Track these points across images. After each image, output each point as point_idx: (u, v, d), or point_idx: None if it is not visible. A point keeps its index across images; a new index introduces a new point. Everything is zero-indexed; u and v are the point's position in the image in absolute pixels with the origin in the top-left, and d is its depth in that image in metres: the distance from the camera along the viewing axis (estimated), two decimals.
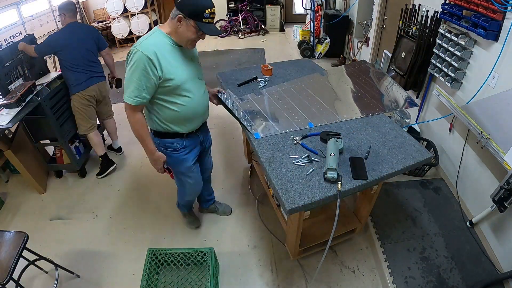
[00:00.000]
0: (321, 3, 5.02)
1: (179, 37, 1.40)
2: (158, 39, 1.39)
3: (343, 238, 2.06)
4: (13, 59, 2.47)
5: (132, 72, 1.33)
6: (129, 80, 1.35)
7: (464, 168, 2.24)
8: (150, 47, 1.33)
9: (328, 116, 1.83)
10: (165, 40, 1.40)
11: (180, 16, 1.33)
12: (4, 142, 2.42)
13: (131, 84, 1.35)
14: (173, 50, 1.42)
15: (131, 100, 1.37)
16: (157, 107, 1.49)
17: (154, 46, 1.34)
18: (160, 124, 1.56)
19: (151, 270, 1.69)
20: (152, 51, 1.32)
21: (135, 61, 1.31)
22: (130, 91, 1.36)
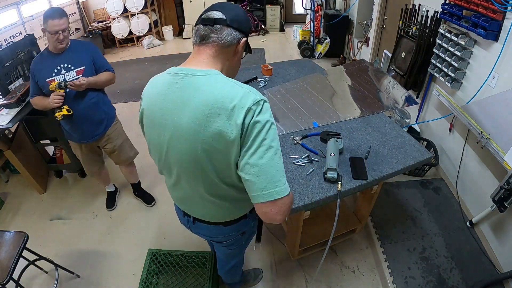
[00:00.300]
0: (321, 3, 5.02)
1: (232, 72, 0.98)
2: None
3: (343, 238, 2.06)
4: (13, 59, 2.47)
5: (274, 141, 0.82)
6: (273, 158, 0.81)
7: (464, 168, 2.24)
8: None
9: (332, 116, 1.83)
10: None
11: (245, 39, 0.92)
12: (4, 142, 2.42)
13: (279, 162, 0.83)
14: None
15: (287, 187, 0.84)
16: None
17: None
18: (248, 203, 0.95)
19: (150, 270, 1.69)
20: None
21: (271, 122, 0.82)
22: (282, 174, 0.83)
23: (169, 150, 0.92)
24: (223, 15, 0.86)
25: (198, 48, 0.90)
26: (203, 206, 1.06)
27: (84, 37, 5.97)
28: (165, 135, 0.90)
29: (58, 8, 1.76)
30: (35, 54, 2.70)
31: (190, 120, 0.83)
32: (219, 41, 0.87)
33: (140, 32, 6.33)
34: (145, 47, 6.22)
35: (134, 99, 4.28)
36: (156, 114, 0.90)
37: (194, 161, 0.88)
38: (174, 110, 0.86)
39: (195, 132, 0.83)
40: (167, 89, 0.88)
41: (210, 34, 0.87)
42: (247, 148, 0.80)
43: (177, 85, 0.86)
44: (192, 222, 1.15)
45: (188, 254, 1.75)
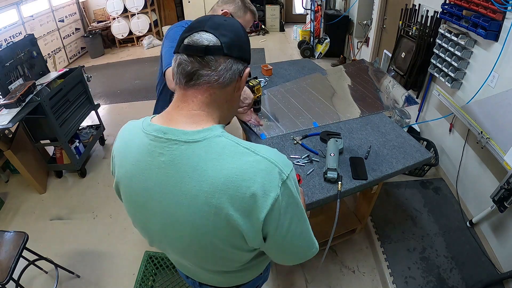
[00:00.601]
0: (321, 3, 5.02)
1: (231, 114, 0.74)
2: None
3: (343, 238, 2.06)
4: (13, 59, 2.47)
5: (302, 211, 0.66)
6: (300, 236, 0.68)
7: (464, 168, 2.24)
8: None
9: (332, 116, 1.83)
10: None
11: (249, 69, 0.67)
12: (4, 142, 2.42)
13: (307, 231, 0.70)
14: None
15: (316, 249, 0.77)
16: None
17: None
18: (262, 264, 0.91)
19: (146, 273, 1.70)
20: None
21: (297, 191, 0.64)
22: (310, 240, 0.73)
23: (163, 239, 0.73)
24: (217, 40, 0.59)
25: (184, 93, 0.62)
26: (210, 277, 0.87)
27: (84, 37, 5.97)
28: (155, 223, 0.68)
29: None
30: (35, 54, 2.71)
31: (189, 212, 0.60)
32: (215, 81, 0.61)
33: (140, 32, 6.34)
34: (145, 47, 6.22)
35: (134, 99, 4.28)
36: (139, 196, 0.66)
37: (199, 248, 0.67)
38: (163, 195, 0.62)
39: (199, 227, 0.61)
40: (148, 162, 0.62)
41: (200, 71, 0.60)
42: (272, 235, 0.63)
43: (162, 158, 0.60)
44: (198, 285, 0.95)
45: None
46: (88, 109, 3.02)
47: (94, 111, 3.13)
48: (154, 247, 0.86)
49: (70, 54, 5.78)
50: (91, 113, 3.11)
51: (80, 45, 6.11)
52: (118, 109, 4.09)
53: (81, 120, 2.90)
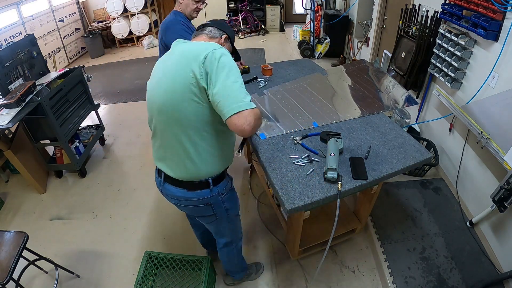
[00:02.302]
0: (321, 3, 5.02)
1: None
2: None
3: (343, 238, 2.06)
4: (13, 59, 2.47)
5: (232, 71, 1.04)
6: (235, 82, 1.03)
7: (464, 168, 2.24)
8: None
9: (331, 115, 1.83)
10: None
11: (226, 36, 1.31)
12: (4, 142, 2.42)
13: (240, 85, 1.04)
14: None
15: (251, 104, 1.03)
16: (218, 135, 1.18)
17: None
18: (221, 161, 1.25)
19: (146, 273, 1.70)
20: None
21: (228, 58, 1.06)
22: (244, 94, 1.03)
23: (152, 95, 1.17)
24: (209, 22, 1.33)
25: (193, 39, 1.28)
26: (171, 159, 1.21)
27: (84, 37, 5.97)
28: (152, 83, 1.19)
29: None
30: (35, 54, 2.71)
31: (173, 62, 1.12)
32: (205, 34, 1.27)
33: (140, 32, 6.34)
34: (145, 47, 6.22)
35: (134, 99, 4.28)
36: (155, 70, 1.21)
37: (171, 98, 1.09)
38: (165, 62, 1.17)
39: (176, 71, 1.08)
40: (168, 55, 1.20)
41: (200, 32, 1.29)
42: (211, 83, 1.03)
43: (173, 48, 1.20)
44: (162, 182, 1.30)
45: (184, 258, 1.75)
46: (88, 109, 3.02)
47: (94, 111, 3.14)
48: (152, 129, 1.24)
49: (70, 54, 5.79)
50: (91, 113, 3.11)
51: (80, 45, 6.11)
52: (118, 109, 4.09)
53: (81, 120, 2.90)
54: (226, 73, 1.02)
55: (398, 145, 1.57)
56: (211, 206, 1.31)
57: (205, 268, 1.70)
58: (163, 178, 1.29)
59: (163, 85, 1.11)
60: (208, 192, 1.26)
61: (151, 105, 1.19)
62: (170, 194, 1.31)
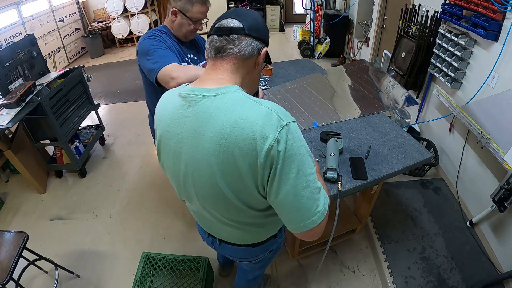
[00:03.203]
0: (321, 3, 5.02)
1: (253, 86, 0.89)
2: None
3: (343, 238, 2.06)
4: (13, 59, 2.47)
5: (303, 166, 0.71)
6: (306, 186, 0.72)
7: (464, 168, 2.24)
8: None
9: (331, 115, 1.83)
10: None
11: (266, 49, 0.83)
12: (4, 142, 2.42)
13: (313, 188, 0.74)
14: None
15: (324, 212, 0.78)
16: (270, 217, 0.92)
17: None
18: (276, 224, 1.02)
19: (144, 274, 1.70)
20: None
21: (296, 142, 0.70)
22: (316, 199, 0.75)
23: (186, 179, 0.84)
24: (239, 23, 0.76)
25: (213, 63, 0.79)
26: (228, 232, 0.98)
27: (84, 37, 5.97)
28: (180, 164, 0.82)
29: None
30: (35, 54, 2.70)
31: (205, 151, 0.73)
32: (238, 53, 0.77)
33: (140, 32, 6.33)
34: None
35: (134, 99, 4.28)
36: (171, 141, 0.82)
37: (214, 192, 0.79)
38: (188, 138, 0.77)
39: (212, 165, 0.74)
40: (179, 114, 0.78)
41: (226, 46, 0.76)
42: (272, 186, 0.72)
43: (189, 109, 0.76)
44: (217, 242, 1.07)
45: (182, 258, 1.75)
46: (88, 109, 3.02)
47: (94, 111, 3.14)
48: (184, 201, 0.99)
49: (70, 54, 5.79)
50: (91, 113, 3.11)
51: (80, 45, 6.11)
52: (118, 109, 4.09)
53: (81, 120, 2.90)
54: (296, 173, 0.70)
55: (398, 145, 1.57)
56: (273, 251, 1.15)
57: (202, 268, 1.70)
58: (216, 238, 1.06)
59: (197, 174, 0.80)
60: (274, 241, 1.08)
61: (183, 191, 0.91)
62: (229, 253, 1.10)
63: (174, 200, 2.22)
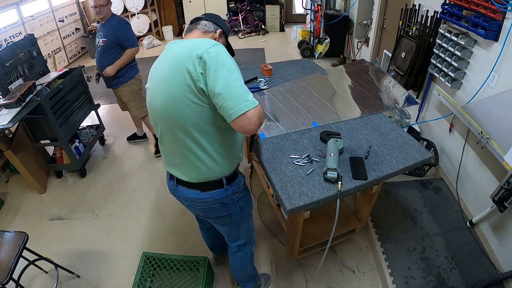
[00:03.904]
0: (321, 3, 5.02)
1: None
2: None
3: (343, 238, 2.06)
4: (13, 59, 2.47)
5: (232, 69, 1.00)
6: (237, 80, 0.99)
7: (464, 168, 2.24)
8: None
9: (331, 115, 1.83)
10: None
11: (221, 30, 1.22)
12: (4, 142, 2.42)
13: (242, 83, 1.00)
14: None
15: (254, 102, 0.99)
16: (224, 134, 1.13)
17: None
18: (232, 159, 1.22)
19: (144, 274, 1.70)
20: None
21: (225, 55, 1.02)
22: (247, 92, 1.00)
23: (152, 102, 1.13)
24: (203, 15, 1.25)
25: (187, 34, 1.21)
26: (181, 164, 1.18)
27: (84, 37, 5.97)
28: (151, 87, 1.13)
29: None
30: (35, 54, 2.70)
31: (168, 66, 1.06)
32: (199, 28, 1.20)
33: (140, 32, 6.33)
34: (145, 47, 6.22)
35: None
36: (151, 74, 1.15)
37: (171, 104, 1.04)
38: (160, 67, 1.10)
39: (171, 75, 1.03)
40: (165, 54, 1.13)
41: (194, 26, 1.21)
42: (211, 83, 0.98)
43: (166, 52, 1.13)
44: (175, 185, 1.28)
45: (182, 258, 1.76)
46: (88, 109, 3.02)
47: (94, 111, 3.14)
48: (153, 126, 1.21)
49: (70, 54, 5.78)
50: (91, 113, 3.11)
51: (80, 45, 6.10)
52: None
53: (81, 120, 2.90)
54: (226, 72, 0.97)
55: (398, 145, 1.57)
56: (226, 205, 1.28)
57: (202, 268, 1.70)
58: (175, 181, 1.27)
59: (160, 90, 1.07)
60: (223, 191, 1.24)
61: (153, 112, 1.15)
62: (183, 196, 1.28)
63: (174, 200, 2.21)
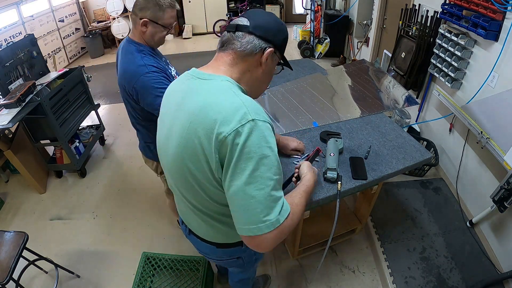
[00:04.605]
0: (321, 3, 5.02)
1: (256, 86, 0.90)
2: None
3: (343, 238, 2.06)
4: (13, 59, 2.47)
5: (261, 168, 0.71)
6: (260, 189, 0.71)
7: (464, 168, 2.24)
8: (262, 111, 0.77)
9: (331, 115, 1.83)
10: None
11: (271, 50, 0.83)
12: (4, 142, 2.42)
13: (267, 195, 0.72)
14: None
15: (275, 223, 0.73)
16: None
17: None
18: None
19: (143, 274, 1.70)
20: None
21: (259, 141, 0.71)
22: (269, 208, 0.72)
23: (161, 151, 0.92)
24: (247, 22, 0.81)
25: (217, 55, 0.86)
26: (195, 222, 1.01)
27: (84, 37, 5.97)
28: (162, 134, 0.90)
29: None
30: (35, 54, 2.71)
31: (179, 126, 0.79)
32: (237, 48, 0.81)
33: None
34: None
35: None
36: (163, 111, 0.92)
37: (180, 169, 0.82)
38: (173, 111, 0.84)
39: (181, 138, 0.78)
40: (178, 86, 0.88)
41: (230, 41, 0.82)
42: (227, 178, 0.72)
43: (183, 86, 0.84)
44: (187, 232, 1.12)
45: (182, 258, 1.75)
46: (88, 109, 3.02)
47: (94, 111, 3.14)
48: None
49: (70, 54, 5.78)
50: (91, 113, 3.11)
51: (80, 45, 6.11)
52: (118, 109, 4.08)
53: (81, 120, 2.90)
54: (252, 170, 0.69)
55: (398, 145, 1.57)
56: (242, 259, 1.11)
57: (202, 268, 1.70)
58: (187, 229, 1.10)
59: (170, 146, 0.84)
60: (241, 249, 1.05)
61: (162, 162, 0.96)
62: (196, 245, 1.13)
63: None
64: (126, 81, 1.35)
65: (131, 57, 1.35)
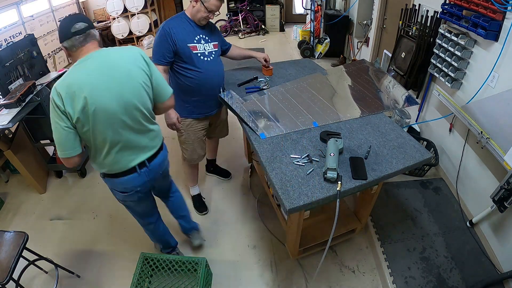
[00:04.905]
0: (321, 3, 5.02)
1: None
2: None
3: (343, 238, 2.06)
4: (13, 59, 2.47)
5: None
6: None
7: (464, 168, 2.24)
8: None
9: (331, 115, 1.83)
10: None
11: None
12: (4, 142, 2.42)
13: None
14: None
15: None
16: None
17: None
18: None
19: (142, 275, 1.70)
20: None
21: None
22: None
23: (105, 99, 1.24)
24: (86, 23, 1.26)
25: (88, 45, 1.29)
26: (145, 139, 1.37)
27: None
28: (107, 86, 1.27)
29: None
30: (35, 54, 2.71)
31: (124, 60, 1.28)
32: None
33: (140, 32, 6.33)
34: (145, 47, 6.22)
35: None
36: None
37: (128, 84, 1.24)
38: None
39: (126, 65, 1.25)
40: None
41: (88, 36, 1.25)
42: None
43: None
44: (148, 167, 1.42)
45: (180, 259, 1.76)
46: None
47: None
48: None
49: None
50: None
51: None
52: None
53: None
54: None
55: (398, 145, 1.57)
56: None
57: (200, 269, 1.70)
58: (147, 164, 1.42)
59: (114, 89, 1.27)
60: (165, 145, 1.55)
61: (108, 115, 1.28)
62: (157, 168, 1.49)
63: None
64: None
65: (175, 18, 1.81)
